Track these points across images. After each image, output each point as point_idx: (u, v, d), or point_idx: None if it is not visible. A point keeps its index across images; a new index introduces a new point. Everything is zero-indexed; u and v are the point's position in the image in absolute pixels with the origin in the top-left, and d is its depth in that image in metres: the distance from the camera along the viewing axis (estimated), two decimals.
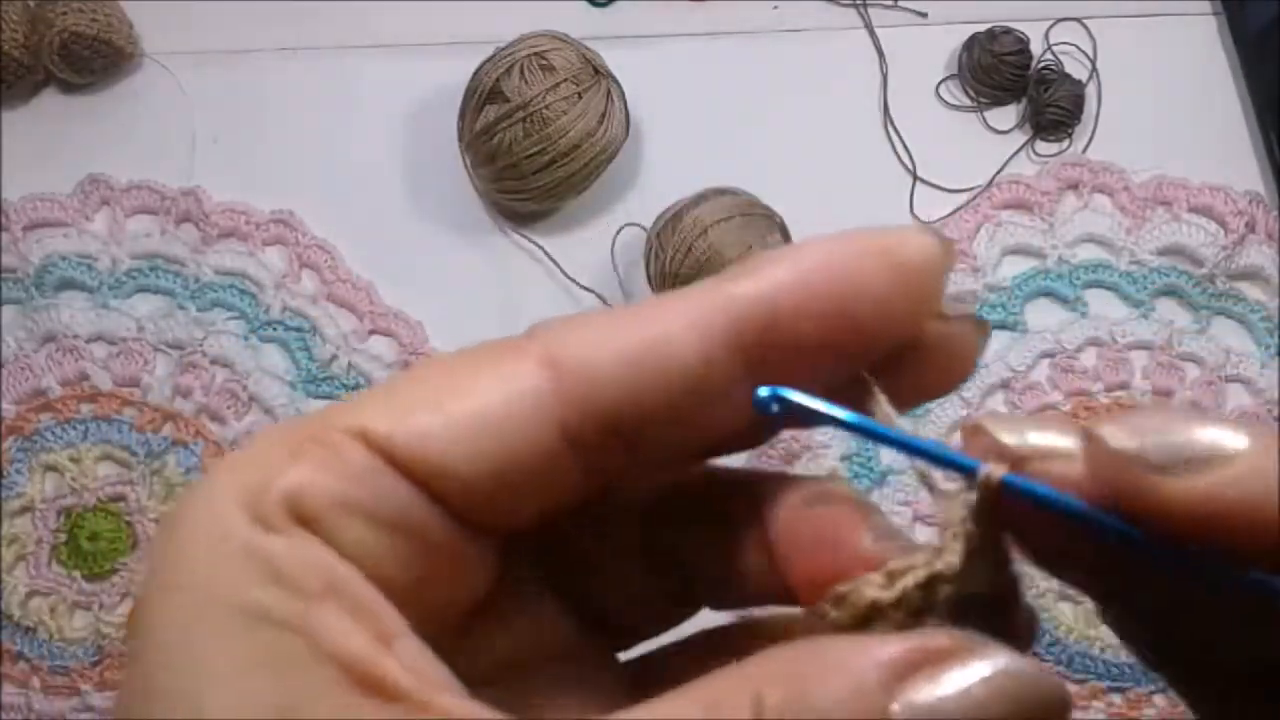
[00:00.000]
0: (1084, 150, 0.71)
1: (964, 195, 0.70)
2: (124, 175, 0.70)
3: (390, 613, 0.17)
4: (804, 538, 0.19)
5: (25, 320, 0.66)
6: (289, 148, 0.71)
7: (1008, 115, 0.72)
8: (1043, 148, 0.71)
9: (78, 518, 0.63)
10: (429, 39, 0.73)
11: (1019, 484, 0.17)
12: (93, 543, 0.62)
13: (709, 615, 0.23)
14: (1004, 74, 0.71)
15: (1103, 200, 0.70)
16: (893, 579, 0.17)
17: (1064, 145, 0.71)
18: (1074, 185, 0.70)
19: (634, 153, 0.70)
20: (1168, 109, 0.72)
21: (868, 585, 0.17)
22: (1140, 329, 0.66)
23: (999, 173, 0.70)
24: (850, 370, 0.19)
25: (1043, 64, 0.72)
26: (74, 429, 0.65)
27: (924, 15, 0.74)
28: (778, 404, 0.18)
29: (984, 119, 0.72)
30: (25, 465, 0.64)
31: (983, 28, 0.72)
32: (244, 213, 0.69)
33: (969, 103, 0.72)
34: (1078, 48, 0.73)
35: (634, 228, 0.68)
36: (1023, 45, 0.71)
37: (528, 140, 0.64)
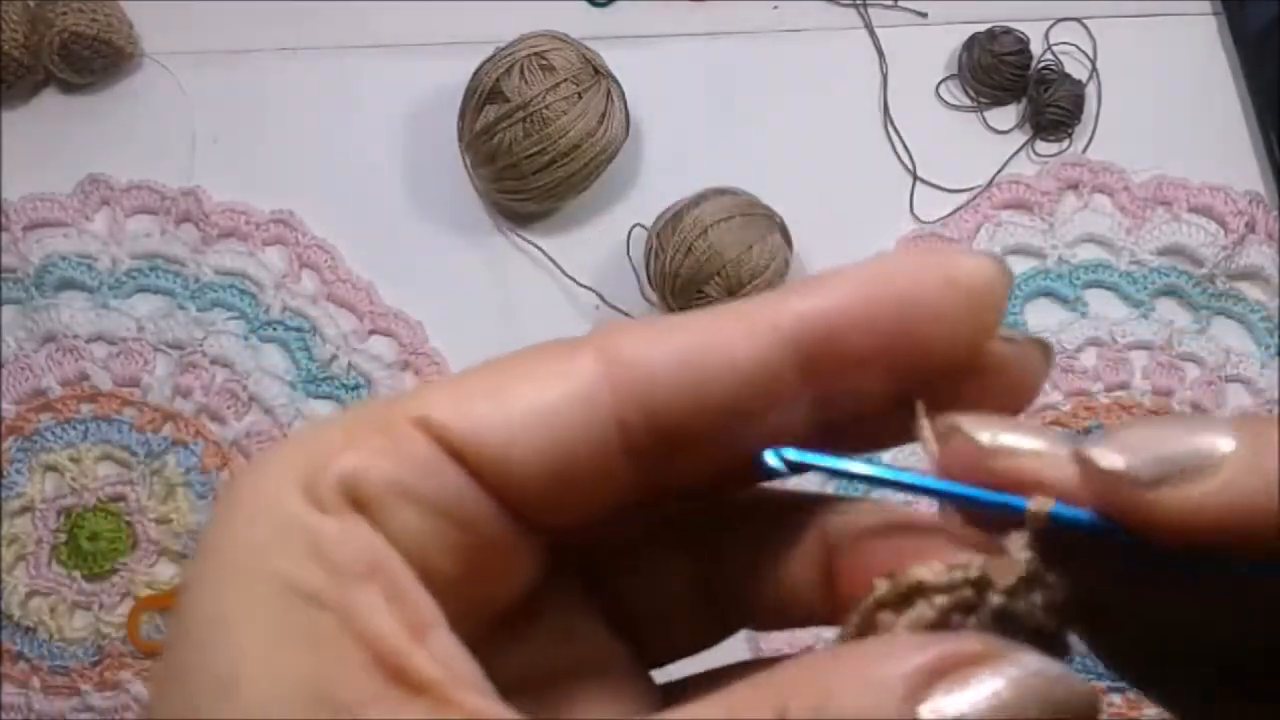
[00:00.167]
0: (1084, 150, 0.71)
1: (964, 195, 0.70)
2: (124, 175, 0.70)
3: (428, 603, 0.17)
4: (876, 565, 0.19)
5: (25, 320, 0.66)
6: (289, 148, 0.71)
7: (1008, 115, 0.72)
8: (1043, 148, 0.71)
9: (78, 518, 0.63)
10: (429, 39, 0.73)
11: (1065, 514, 0.17)
12: (93, 543, 0.62)
13: (742, 645, 0.23)
14: (1004, 74, 0.71)
15: (1103, 200, 0.70)
16: (948, 570, 0.18)
17: (1064, 145, 0.71)
18: (1074, 185, 0.70)
19: (634, 153, 0.70)
20: (1168, 109, 0.72)
21: (920, 567, 0.18)
22: (1140, 329, 0.66)
23: (999, 173, 0.70)
24: (905, 386, 0.19)
25: (1043, 64, 0.72)
26: (74, 429, 0.65)
27: (924, 15, 0.74)
28: (785, 464, 0.18)
29: (984, 119, 0.72)
30: (25, 465, 0.64)
31: (983, 28, 0.72)
32: (244, 213, 0.69)
33: (969, 103, 0.72)
34: (1078, 48, 0.73)
35: (626, 220, 0.68)
36: (1023, 45, 0.71)
37: (528, 140, 0.64)
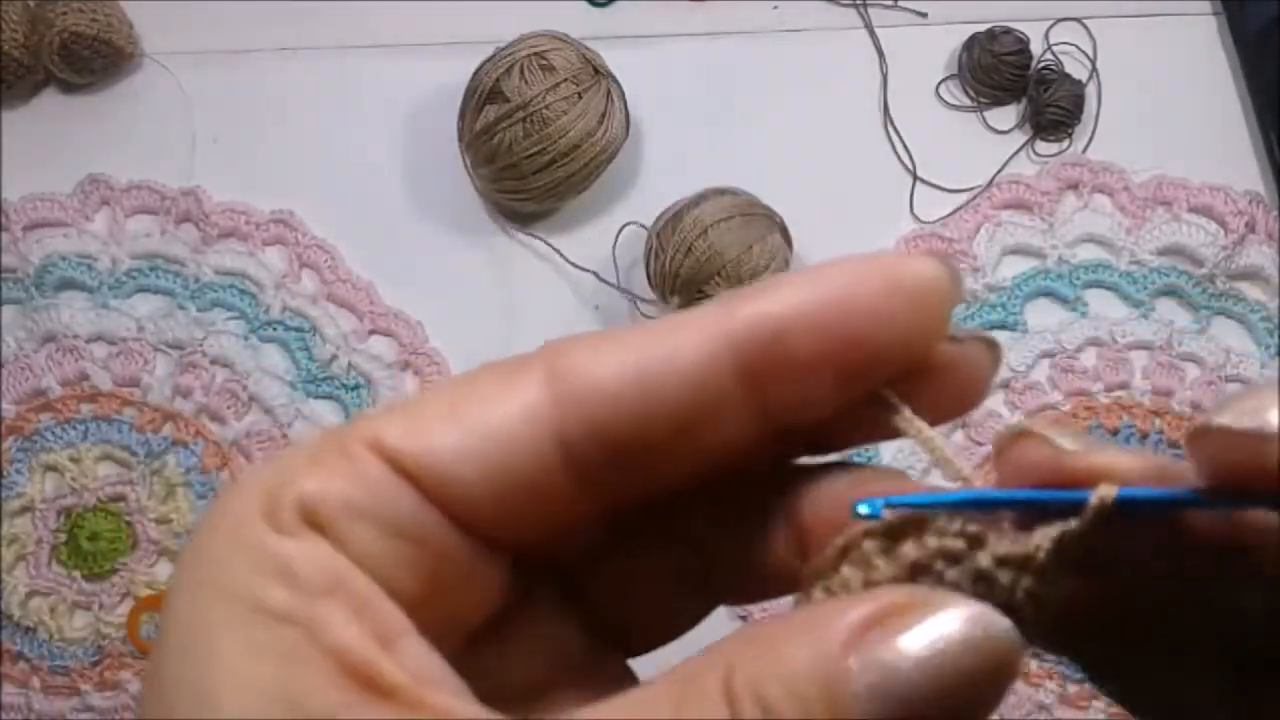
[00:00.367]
0: (1084, 150, 0.71)
1: (964, 195, 0.70)
2: (124, 175, 0.70)
3: (394, 613, 0.17)
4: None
5: (25, 320, 0.66)
6: (289, 148, 0.71)
7: (1008, 115, 0.72)
8: (1043, 148, 0.71)
9: (78, 518, 0.63)
10: (429, 39, 0.73)
11: (1134, 495, 0.17)
12: (93, 543, 0.62)
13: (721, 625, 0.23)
14: (1004, 74, 0.71)
15: (1103, 200, 0.70)
16: (948, 518, 0.18)
17: (1064, 145, 0.71)
18: (1074, 185, 0.70)
19: (634, 153, 0.70)
20: (1168, 109, 0.72)
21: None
22: (1140, 329, 0.66)
23: (999, 173, 0.70)
24: (855, 391, 0.19)
25: (1043, 64, 0.72)
26: (74, 429, 0.65)
27: (924, 15, 0.74)
28: (884, 508, 0.18)
29: (984, 119, 0.72)
30: (25, 465, 0.64)
31: (983, 28, 0.72)
32: (244, 213, 0.69)
33: (969, 103, 0.72)
34: (1078, 48, 0.73)
35: (633, 226, 0.68)
36: (1023, 45, 0.71)
37: (528, 140, 0.64)
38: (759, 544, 0.21)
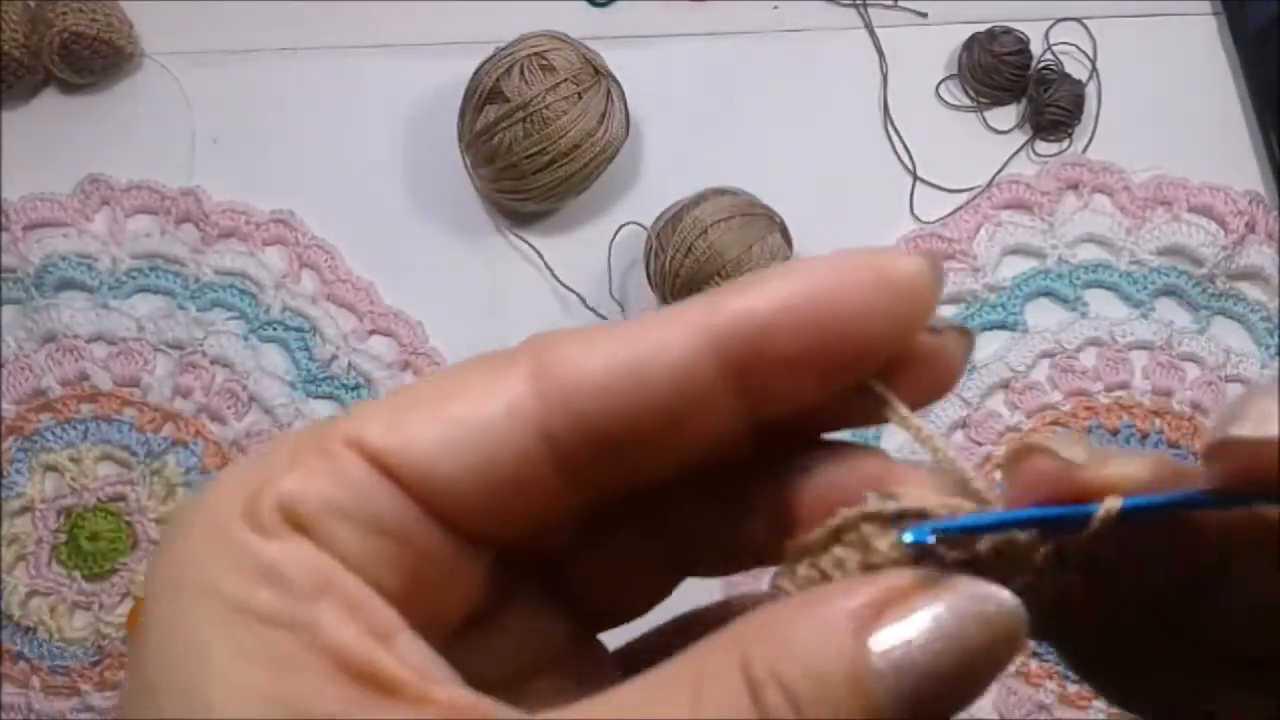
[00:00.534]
0: (1084, 150, 0.71)
1: (964, 195, 0.70)
2: (124, 175, 0.70)
3: (388, 611, 0.17)
4: (844, 491, 0.20)
5: (25, 320, 0.66)
6: (289, 148, 0.71)
7: (1008, 115, 0.72)
8: (1043, 148, 0.71)
9: (78, 518, 0.63)
10: (429, 39, 0.73)
11: (1139, 503, 0.18)
12: (93, 543, 0.62)
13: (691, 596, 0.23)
14: (1004, 74, 0.71)
15: (1103, 200, 0.70)
16: (945, 505, 0.18)
17: (1064, 145, 0.71)
18: (1074, 185, 0.70)
19: (634, 153, 0.70)
20: (1168, 109, 0.72)
21: (922, 491, 0.19)
22: (1140, 329, 0.66)
23: (999, 173, 0.70)
24: (839, 383, 0.19)
25: (1043, 64, 0.72)
26: (74, 429, 0.65)
27: (924, 15, 0.74)
28: (930, 534, 0.18)
29: (984, 119, 0.72)
30: (25, 465, 0.64)
31: (983, 28, 0.72)
32: (244, 213, 0.69)
33: (969, 103, 0.72)
34: (1078, 48, 0.73)
35: (633, 226, 0.68)
36: (1023, 45, 0.71)
37: (528, 140, 0.64)
38: (738, 523, 0.21)
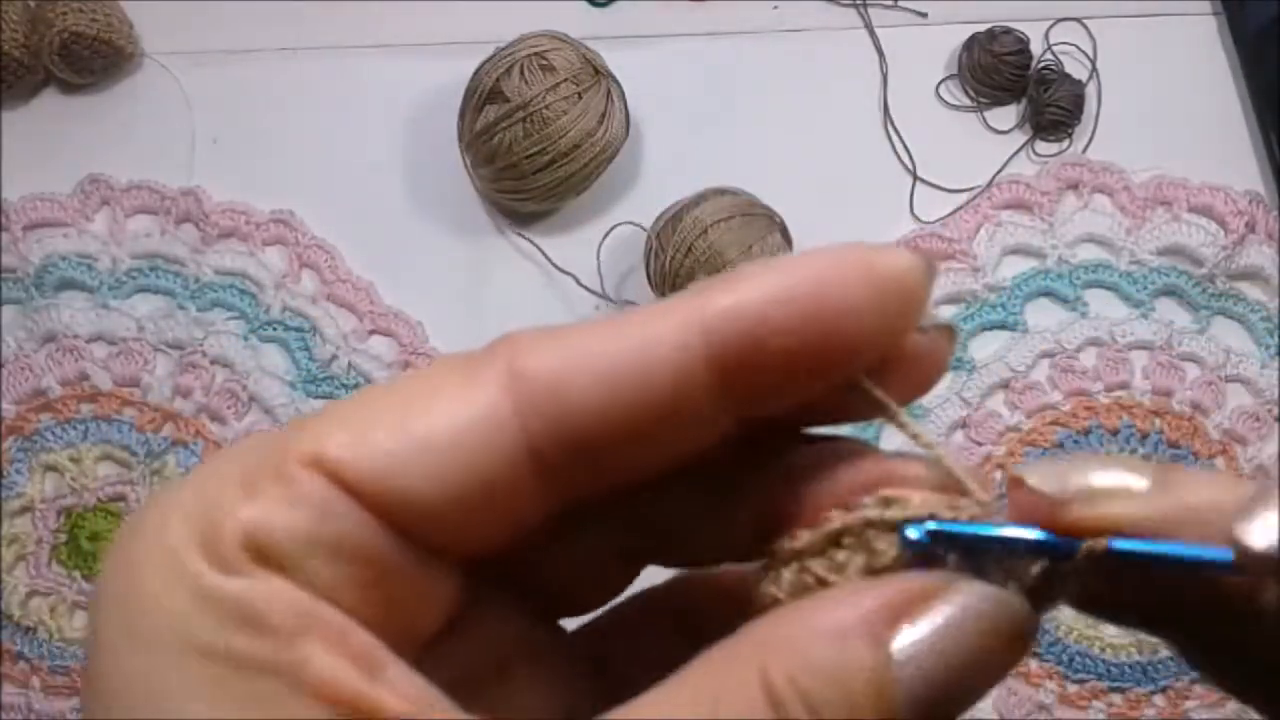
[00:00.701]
0: (1084, 150, 0.71)
1: (964, 195, 0.70)
2: (124, 175, 0.70)
3: (372, 641, 0.17)
4: (835, 491, 0.19)
5: (25, 320, 0.66)
6: (289, 148, 0.71)
7: (1008, 115, 0.72)
8: (1043, 148, 0.71)
9: (78, 518, 0.63)
10: (429, 39, 0.73)
11: (1126, 547, 0.18)
12: (93, 543, 0.62)
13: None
14: (1004, 74, 0.71)
15: (1103, 200, 0.70)
16: (949, 509, 0.18)
17: (1064, 145, 0.71)
18: (1074, 185, 0.70)
19: (634, 153, 0.70)
20: (1168, 109, 0.72)
21: (923, 495, 0.19)
22: (1140, 329, 0.66)
23: (999, 173, 0.70)
24: (826, 381, 0.18)
25: (1043, 64, 0.72)
26: (74, 429, 0.65)
27: (924, 15, 0.74)
28: (929, 535, 0.18)
29: (984, 119, 0.72)
30: (25, 465, 0.64)
31: (983, 28, 0.72)
32: (244, 213, 0.69)
33: (969, 103, 0.72)
34: (1078, 48, 0.73)
35: (629, 226, 0.68)
36: (1023, 45, 0.71)
37: (528, 140, 0.64)
38: (718, 520, 0.21)
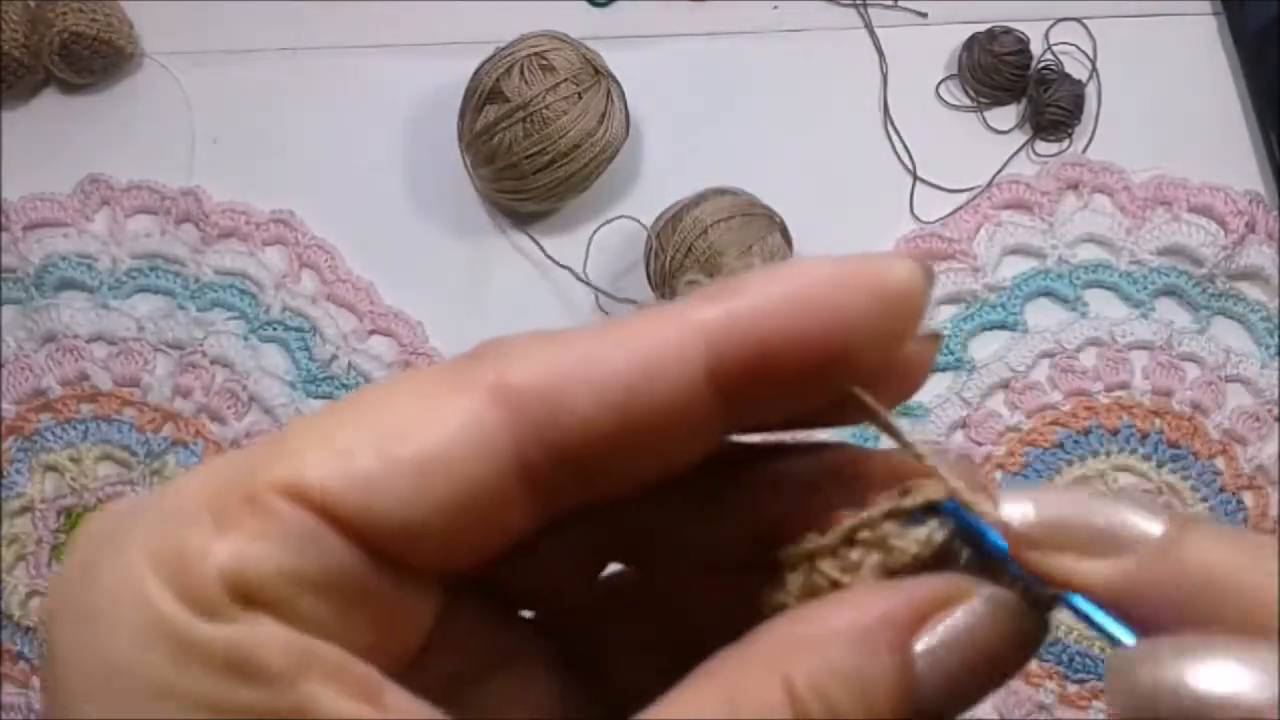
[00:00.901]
0: (1084, 150, 0.71)
1: (964, 195, 0.70)
2: (124, 175, 0.70)
3: (367, 670, 0.16)
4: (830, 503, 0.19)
5: (25, 320, 0.66)
6: (289, 148, 0.71)
7: (1008, 115, 0.72)
8: (1043, 148, 0.71)
9: (78, 518, 0.63)
10: (429, 39, 0.73)
11: (1074, 604, 0.18)
12: None
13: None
14: (1004, 74, 0.71)
15: (1103, 200, 0.70)
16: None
17: (1064, 145, 0.71)
18: (1074, 185, 0.70)
19: (634, 153, 0.70)
20: (1168, 109, 0.72)
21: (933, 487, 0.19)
22: (1140, 329, 0.66)
23: (999, 173, 0.70)
24: (824, 390, 0.18)
25: (1043, 64, 0.72)
26: (74, 429, 0.65)
27: (924, 15, 0.74)
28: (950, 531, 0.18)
29: (984, 119, 0.72)
30: (25, 465, 0.64)
31: (983, 28, 0.72)
32: (244, 213, 0.69)
33: (969, 103, 0.72)
34: (1078, 48, 0.73)
35: (630, 222, 0.68)
36: (1023, 45, 0.71)
37: (528, 140, 0.64)
38: (703, 526, 0.20)
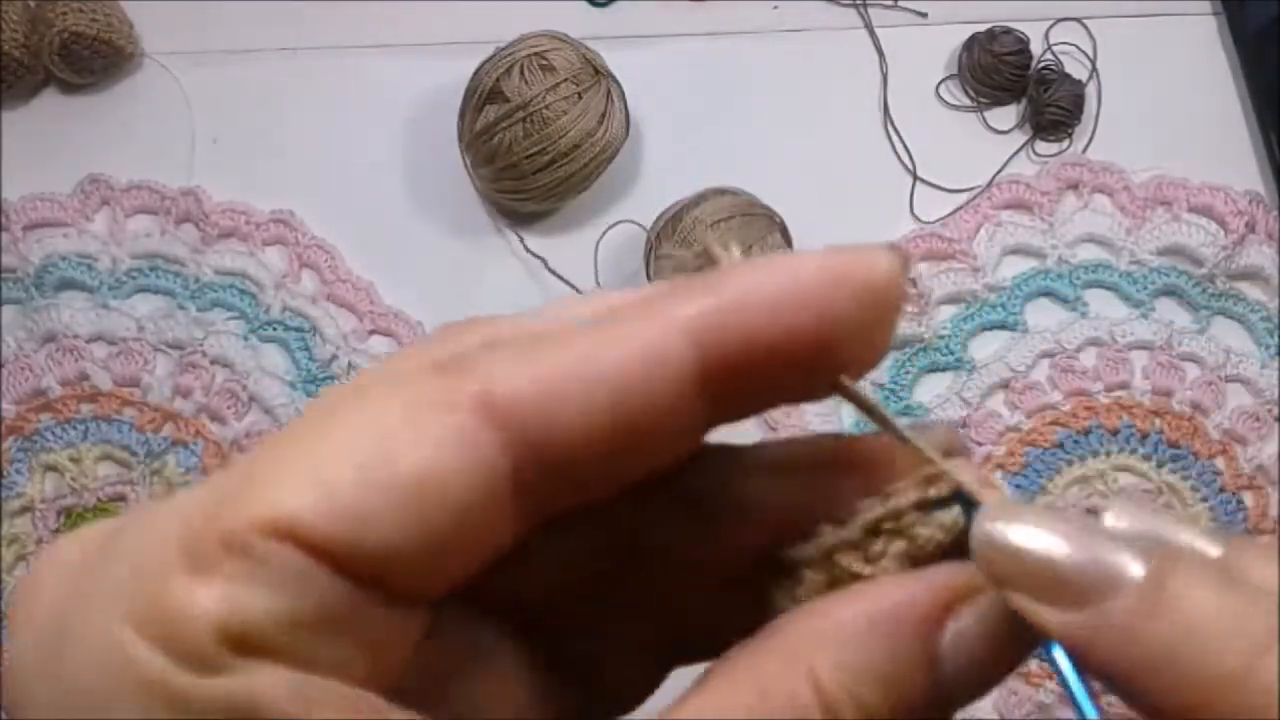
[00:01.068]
0: (1084, 150, 0.71)
1: (964, 195, 0.70)
2: (124, 175, 0.70)
3: (371, 699, 0.16)
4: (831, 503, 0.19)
5: (25, 320, 0.66)
6: (289, 148, 0.71)
7: (1008, 115, 0.72)
8: (1043, 148, 0.71)
9: (78, 518, 0.63)
10: (429, 39, 0.73)
11: (1052, 655, 0.17)
12: None
13: None
14: (1004, 74, 0.71)
15: (1103, 200, 0.70)
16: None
17: (1064, 145, 0.71)
18: (1074, 185, 0.70)
19: (634, 153, 0.70)
20: (1168, 109, 0.72)
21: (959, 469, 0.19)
22: (1140, 329, 0.66)
23: (999, 173, 0.70)
24: (808, 379, 0.18)
25: (1043, 64, 0.72)
26: (74, 429, 0.65)
27: (924, 15, 0.74)
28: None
29: (984, 119, 0.72)
30: (25, 465, 0.64)
31: (983, 28, 0.72)
32: (244, 213, 0.69)
33: (969, 103, 0.72)
34: (1078, 48, 0.73)
35: (631, 226, 0.68)
36: (1023, 45, 0.71)
37: (528, 140, 0.64)
38: (690, 524, 0.20)
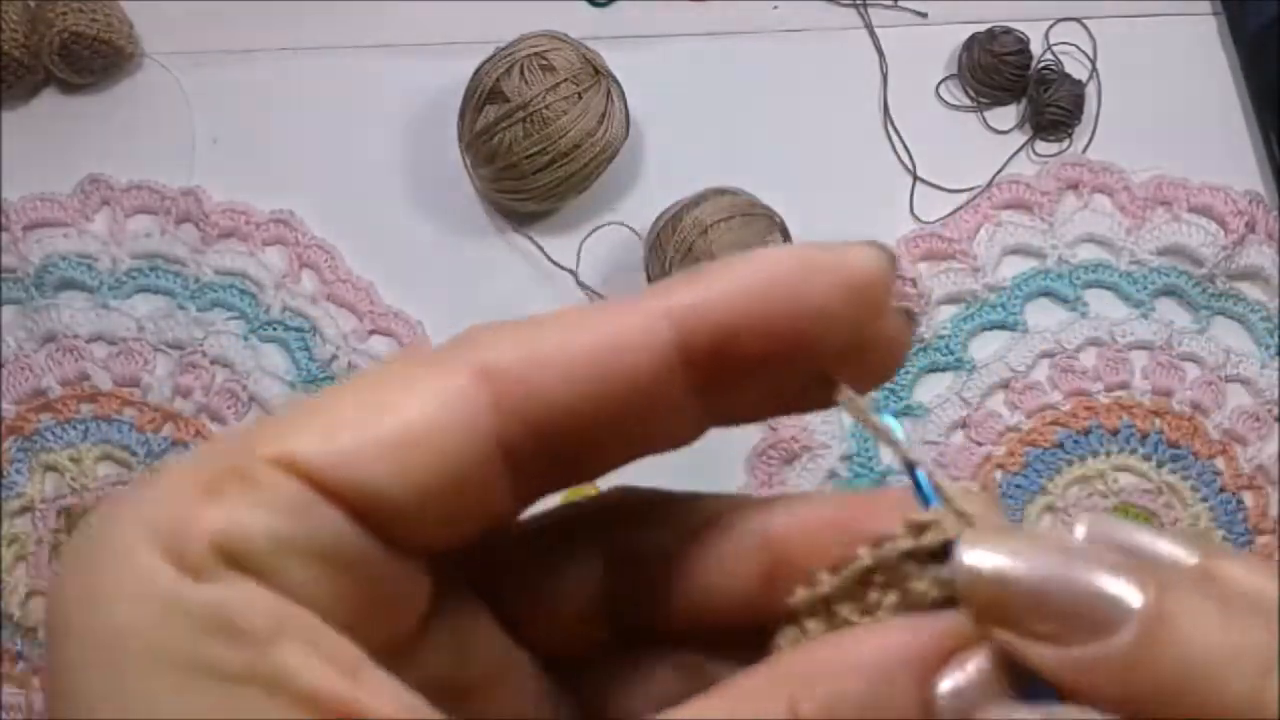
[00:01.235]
0: (1084, 150, 0.71)
1: (964, 195, 0.70)
2: (124, 175, 0.70)
3: (346, 644, 0.16)
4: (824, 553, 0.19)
5: (25, 320, 0.66)
6: (289, 148, 0.71)
7: (1008, 115, 0.72)
8: (1043, 148, 0.71)
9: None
10: (429, 39, 0.73)
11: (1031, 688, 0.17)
12: None
13: None
14: (1004, 74, 0.71)
15: (1103, 200, 0.70)
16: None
17: (1064, 145, 0.71)
18: (1074, 185, 0.70)
19: (634, 153, 0.70)
20: (1168, 109, 0.72)
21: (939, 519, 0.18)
22: (1140, 329, 0.66)
23: (999, 173, 0.70)
24: (795, 375, 0.19)
25: (1043, 64, 0.72)
26: (74, 429, 0.65)
27: (924, 15, 0.74)
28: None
29: (984, 119, 0.72)
30: (25, 465, 0.64)
31: (983, 28, 0.72)
32: (244, 213, 0.69)
33: (969, 103, 0.72)
34: (1078, 48, 0.73)
35: (621, 228, 0.68)
36: (1023, 45, 0.71)
37: (528, 140, 0.64)
38: (697, 576, 0.21)
